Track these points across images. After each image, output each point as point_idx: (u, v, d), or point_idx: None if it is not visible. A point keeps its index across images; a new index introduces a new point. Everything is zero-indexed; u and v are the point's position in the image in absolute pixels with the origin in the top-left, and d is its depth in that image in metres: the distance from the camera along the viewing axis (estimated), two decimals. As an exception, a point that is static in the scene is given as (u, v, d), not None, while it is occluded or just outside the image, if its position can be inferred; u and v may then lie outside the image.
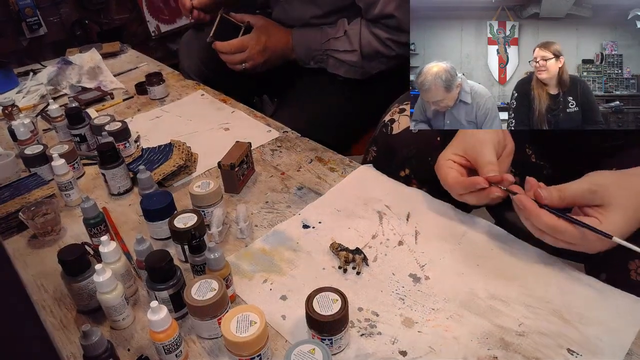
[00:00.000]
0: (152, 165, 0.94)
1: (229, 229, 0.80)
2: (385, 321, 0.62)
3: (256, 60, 1.22)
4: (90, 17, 2.11)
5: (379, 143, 0.89)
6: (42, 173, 0.94)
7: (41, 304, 0.70)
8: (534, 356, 0.56)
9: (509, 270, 0.67)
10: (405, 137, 0.84)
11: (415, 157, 0.84)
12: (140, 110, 1.24)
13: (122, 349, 0.62)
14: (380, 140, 0.88)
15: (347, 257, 0.70)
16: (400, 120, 0.84)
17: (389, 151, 0.87)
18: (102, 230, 0.76)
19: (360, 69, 1.20)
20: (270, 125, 1.10)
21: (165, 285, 0.63)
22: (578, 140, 0.85)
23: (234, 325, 0.55)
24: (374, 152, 0.90)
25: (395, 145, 0.85)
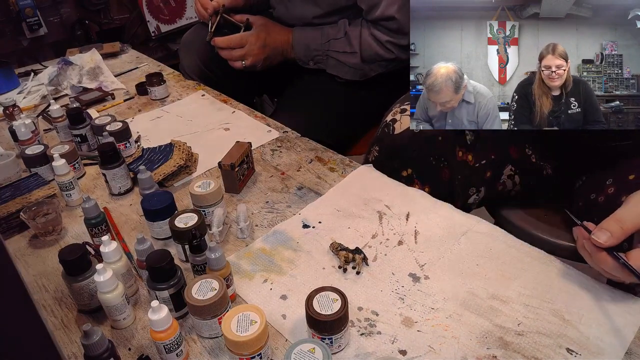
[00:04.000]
0: (153, 166, 0.95)
1: (230, 228, 0.81)
2: (385, 320, 0.62)
3: (256, 57, 1.22)
4: (90, 17, 2.11)
5: (380, 143, 0.89)
6: (42, 173, 0.94)
7: (42, 303, 0.70)
8: (533, 356, 0.56)
9: (509, 270, 0.67)
10: (407, 137, 0.84)
11: (417, 157, 0.84)
12: (141, 110, 1.24)
13: (123, 349, 0.62)
14: (382, 140, 0.88)
15: (347, 257, 0.70)
16: (402, 120, 0.84)
17: (390, 151, 0.87)
18: (103, 230, 0.76)
19: (360, 71, 1.20)
20: (270, 125, 1.10)
21: (166, 284, 0.63)
22: (580, 141, 0.86)
23: (234, 325, 0.55)
24: (376, 152, 0.90)
25: (397, 145, 0.85)
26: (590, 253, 0.59)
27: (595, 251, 0.58)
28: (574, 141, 0.87)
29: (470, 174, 0.85)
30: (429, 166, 0.83)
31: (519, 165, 0.89)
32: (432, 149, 0.82)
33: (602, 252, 0.57)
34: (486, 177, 0.86)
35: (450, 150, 0.83)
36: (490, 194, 0.89)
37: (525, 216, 0.92)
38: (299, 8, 1.23)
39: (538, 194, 0.94)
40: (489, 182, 0.87)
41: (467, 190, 0.86)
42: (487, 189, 0.88)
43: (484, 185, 0.87)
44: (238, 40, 1.21)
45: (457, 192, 0.85)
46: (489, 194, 0.89)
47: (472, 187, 0.86)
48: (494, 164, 0.87)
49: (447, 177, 0.84)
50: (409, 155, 0.85)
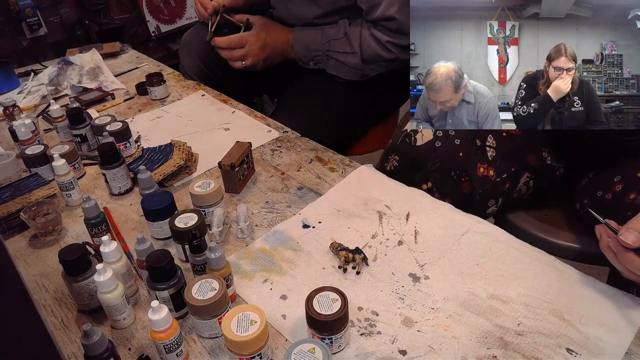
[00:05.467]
0: (153, 166, 0.95)
1: (230, 228, 0.81)
2: (385, 320, 0.62)
3: (256, 57, 1.22)
4: (90, 17, 2.11)
5: (401, 153, 0.87)
6: (42, 173, 0.94)
7: (42, 303, 0.70)
8: (533, 356, 0.56)
9: (509, 270, 0.67)
10: (428, 150, 0.82)
11: (438, 170, 0.83)
12: (141, 110, 1.24)
13: (123, 349, 0.62)
14: (402, 150, 0.86)
15: (347, 257, 0.70)
16: (423, 132, 0.83)
17: (411, 163, 0.85)
18: (103, 230, 0.76)
19: (360, 71, 1.20)
20: (270, 125, 1.10)
21: (166, 284, 0.63)
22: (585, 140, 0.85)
23: (234, 325, 0.55)
24: (396, 162, 0.88)
25: (418, 158, 0.83)
26: (616, 253, 0.58)
27: (622, 251, 0.57)
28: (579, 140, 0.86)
29: (491, 188, 0.84)
30: (450, 181, 0.82)
31: (536, 170, 0.88)
32: (454, 164, 0.81)
33: (630, 253, 0.56)
34: (505, 188, 0.86)
35: (472, 166, 0.82)
36: (507, 202, 0.89)
37: (525, 216, 0.92)
38: (299, 8, 1.23)
39: (550, 196, 0.93)
40: (507, 193, 0.87)
41: (486, 202, 0.85)
42: (504, 199, 0.87)
43: (502, 196, 0.87)
44: (238, 40, 1.21)
45: (476, 206, 0.84)
46: (506, 202, 0.88)
47: (492, 199, 0.85)
48: (513, 175, 0.86)
49: (467, 190, 0.83)
50: (430, 169, 0.83)
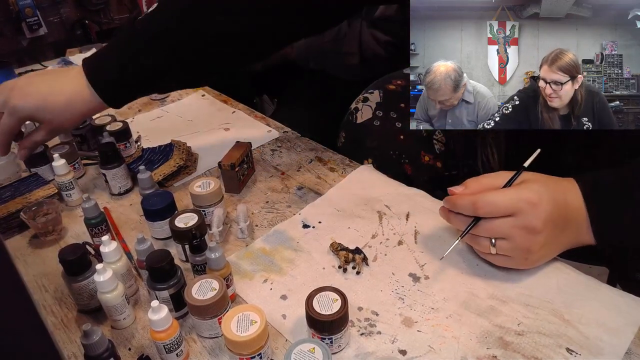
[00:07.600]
0: (153, 166, 0.95)
1: (230, 228, 0.81)
2: (385, 320, 0.62)
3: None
4: (90, 17, 2.11)
5: (347, 130, 0.89)
6: (43, 173, 0.94)
7: (42, 303, 0.70)
8: (533, 355, 0.56)
9: (509, 270, 0.67)
10: (367, 128, 0.84)
11: (377, 148, 0.84)
12: (141, 110, 1.24)
13: (123, 348, 0.62)
14: (346, 127, 0.89)
15: (347, 257, 0.70)
16: (363, 110, 0.84)
17: (354, 139, 0.88)
18: (103, 230, 0.76)
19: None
20: (270, 125, 1.10)
21: (166, 284, 0.63)
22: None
23: (234, 325, 0.55)
24: (343, 138, 0.91)
25: (359, 135, 0.86)
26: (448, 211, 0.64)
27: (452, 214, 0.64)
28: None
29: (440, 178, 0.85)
30: (389, 160, 0.83)
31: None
32: (392, 144, 0.82)
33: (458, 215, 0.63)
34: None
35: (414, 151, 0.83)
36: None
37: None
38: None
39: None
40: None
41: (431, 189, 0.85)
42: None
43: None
44: None
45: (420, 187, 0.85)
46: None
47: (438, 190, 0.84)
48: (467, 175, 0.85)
49: (410, 172, 0.84)
50: (369, 146, 0.86)
